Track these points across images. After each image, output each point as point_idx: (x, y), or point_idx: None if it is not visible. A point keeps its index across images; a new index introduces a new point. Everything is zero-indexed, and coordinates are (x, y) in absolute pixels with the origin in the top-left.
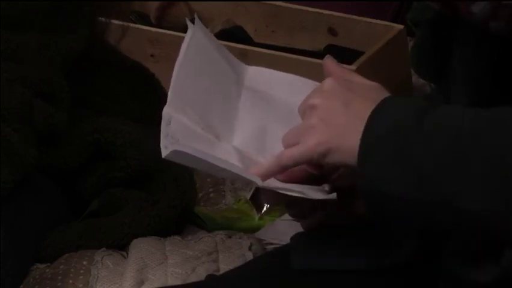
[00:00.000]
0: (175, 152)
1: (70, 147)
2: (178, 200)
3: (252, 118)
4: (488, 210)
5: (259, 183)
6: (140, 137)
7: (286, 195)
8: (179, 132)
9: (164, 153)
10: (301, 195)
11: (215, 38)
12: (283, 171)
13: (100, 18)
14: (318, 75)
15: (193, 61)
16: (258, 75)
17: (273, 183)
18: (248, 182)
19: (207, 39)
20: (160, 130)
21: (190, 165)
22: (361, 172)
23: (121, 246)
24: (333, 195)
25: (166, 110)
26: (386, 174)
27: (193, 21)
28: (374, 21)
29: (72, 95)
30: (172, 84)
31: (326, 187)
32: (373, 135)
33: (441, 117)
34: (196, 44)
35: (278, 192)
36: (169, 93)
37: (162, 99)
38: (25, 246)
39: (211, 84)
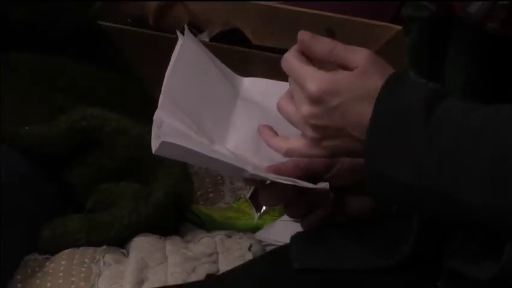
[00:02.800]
0: (164, 144)
1: (57, 130)
2: (171, 187)
3: (247, 123)
4: (489, 206)
5: (250, 170)
6: (128, 124)
7: (285, 196)
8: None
9: (154, 148)
10: (293, 183)
11: (206, 48)
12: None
13: (99, 22)
14: None
15: (185, 67)
16: (253, 86)
17: (264, 172)
18: (238, 172)
19: (198, 48)
20: (150, 122)
21: (180, 158)
22: (366, 155)
23: (121, 241)
24: (326, 185)
25: (157, 114)
26: (389, 162)
27: (183, 32)
28: (372, 22)
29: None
30: (163, 88)
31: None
32: (382, 122)
33: (449, 112)
34: (187, 52)
35: (276, 194)
36: (161, 97)
37: (155, 105)
38: (18, 237)
39: (203, 90)
